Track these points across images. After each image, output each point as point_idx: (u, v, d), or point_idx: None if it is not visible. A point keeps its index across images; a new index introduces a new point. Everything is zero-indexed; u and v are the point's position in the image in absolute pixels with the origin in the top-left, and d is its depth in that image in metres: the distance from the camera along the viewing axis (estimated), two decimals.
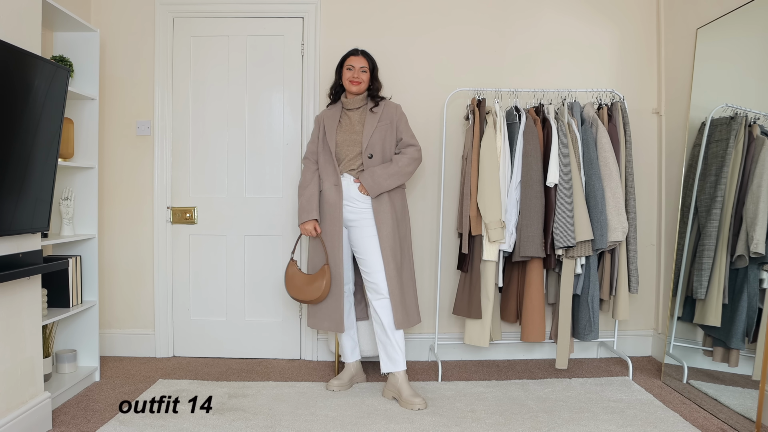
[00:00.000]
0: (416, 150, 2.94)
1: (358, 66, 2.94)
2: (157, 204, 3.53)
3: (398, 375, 2.82)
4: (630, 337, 3.64)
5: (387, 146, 2.93)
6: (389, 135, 2.94)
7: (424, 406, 2.72)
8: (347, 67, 2.96)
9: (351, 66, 2.95)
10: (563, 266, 3.05)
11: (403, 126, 2.98)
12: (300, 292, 2.93)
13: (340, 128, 2.96)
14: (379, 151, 2.91)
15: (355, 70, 2.94)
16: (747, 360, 2.60)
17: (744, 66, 2.78)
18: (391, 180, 2.85)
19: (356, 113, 2.97)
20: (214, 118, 3.55)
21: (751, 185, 2.62)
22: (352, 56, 2.98)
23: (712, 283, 2.81)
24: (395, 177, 2.86)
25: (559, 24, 3.56)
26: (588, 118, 3.20)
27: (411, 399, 2.73)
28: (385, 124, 2.94)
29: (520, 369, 3.37)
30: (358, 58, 2.97)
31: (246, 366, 3.41)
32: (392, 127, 2.95)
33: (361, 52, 2.99)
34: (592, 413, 2.68)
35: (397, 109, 3.00)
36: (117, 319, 3.60)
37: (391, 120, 2.96)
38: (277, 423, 2.55)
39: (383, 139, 2.92)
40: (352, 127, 2.94)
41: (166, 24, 3.51)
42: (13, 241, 2.27)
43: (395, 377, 2.83)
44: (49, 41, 3.04)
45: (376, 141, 2.90)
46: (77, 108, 3.07)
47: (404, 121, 2.99)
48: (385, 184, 2.84)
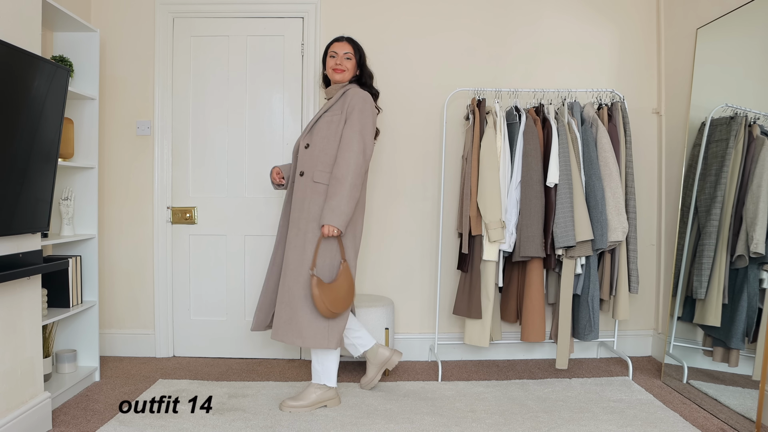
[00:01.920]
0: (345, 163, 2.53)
1: (342, 52, 2.75)
2: (157, 204, 3.53)
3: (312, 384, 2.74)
4: (630, 337, 3.64)
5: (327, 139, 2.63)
6: (334, 127, 2.63)
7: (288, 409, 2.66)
8: (330, 55, 2.77)
9: (334, 53, 2.76)
10: (563, 266, 3.05)
11: (349, 123, 2.59)
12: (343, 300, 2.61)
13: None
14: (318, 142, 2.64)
15: (338, 57, 2.75)
16: (747, 360, 2.60)
17: (744, 66, 2.78)
18: (350, 202, 2.53)
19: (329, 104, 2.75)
20: (214, 117, 3.55)
21: (751, 185, 2.62)
22: (336, 42, 2.79)
23: (712, 283, 2.81)
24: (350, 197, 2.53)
25: (560, 24, 3.56)
26: (588, 118, 3.20)
27: (289, 403, 2.69)
28: (336, 114, 2.64)
29: (520, 369, 3.37)
30: (342, 44, 2.77)
31: (246, 366, 3.41)
32: (341, 119, 2.63)
33: (346, 39, 2.81)
34: (592, 413, 2.68)
35: (358, 100, 2.63)
36: (117, 319, 3.59)
37: (343, 110, 2.64)
38: (277, 423, 2.55)
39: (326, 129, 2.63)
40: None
41: (166, 24, 3.51)
42: (13, 241, 2.27)
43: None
44: (49, 41, 3.03)
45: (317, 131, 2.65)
46: (77, 108, 3.07)
47: (358, 112, 2.60)
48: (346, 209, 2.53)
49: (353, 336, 2.89)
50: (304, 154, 2.68)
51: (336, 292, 2.57)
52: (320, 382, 2.73)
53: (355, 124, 2.60)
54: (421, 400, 2.84)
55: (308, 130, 2.73)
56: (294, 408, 2.68)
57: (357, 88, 2.72)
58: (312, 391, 2.72)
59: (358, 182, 2.56)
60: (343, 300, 2.58)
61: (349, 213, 2.55)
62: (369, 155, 2.64)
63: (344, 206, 2.53)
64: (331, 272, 2.63)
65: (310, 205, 2.61)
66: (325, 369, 2.72)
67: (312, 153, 2.65)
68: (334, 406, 2.75)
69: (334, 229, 2.54)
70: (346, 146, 2.58)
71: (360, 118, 2.62)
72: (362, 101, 2.65)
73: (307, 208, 2.62)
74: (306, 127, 2.80)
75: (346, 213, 2.53)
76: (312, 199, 2.62)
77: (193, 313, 3.59)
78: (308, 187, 2.63)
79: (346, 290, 2.60)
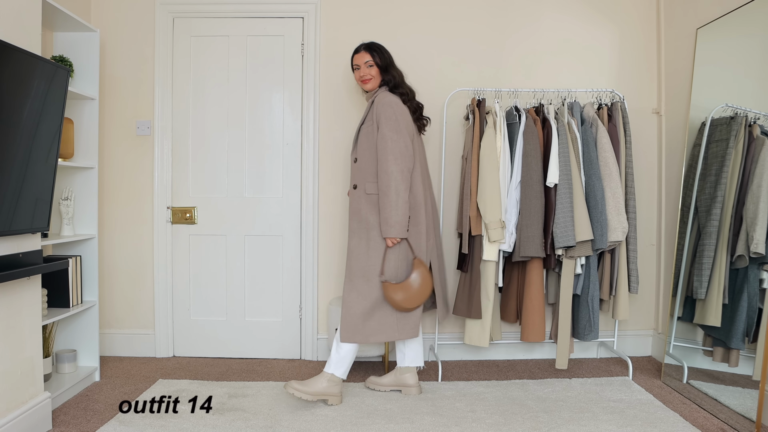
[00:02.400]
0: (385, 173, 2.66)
1: (363, 62, 2.82)
2: (157, 204, 3.53)
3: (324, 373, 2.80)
4: (630, 337, 3.64)
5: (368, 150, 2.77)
6: (371, 138, 2.76)
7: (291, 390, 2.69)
8: (354, 67, 2.86)
9: (357, 65, 2.85)
10: (563, 266, 3.05)
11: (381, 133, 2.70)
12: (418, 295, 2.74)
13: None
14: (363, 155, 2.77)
15: (361, 69, 2.83)
16: (747, 360, 2.60)
17: (744, 66, 2.78)
18: (399, 209, 2.66)
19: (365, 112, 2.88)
20: (214, 118, 3.55)
21: (751, 185, 2.62)
22: (356, 54, 2.86)
23: (712, 283, 2.81)
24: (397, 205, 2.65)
25: (560, 24, 3.56)
26: (588, 118, 3.20)
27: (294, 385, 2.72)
28: (370, 125, 2.77)
29: (520, 369, 3.37)
30: (361, 54, 2.83)
31: (246, 366, 3.41)
32: (373, 129, 2.75)
33: (363, 47, 2.84)
34: (592, 413, 2.68)
35: (383, 107, 2.72)
36: (117, 319, 3.59)
37: (373, 118, 2.76)
38: (277, 423, 2.55)
39: (366, 142, 2.77)
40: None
41: (166, 24, 3.51)
42: (13, 241, 2.27)
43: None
44: (49, 41, 3.03)
45: (361, 145, 2.77)
46: (77, 108, 3.07)
47: (384, 119, 2.70)
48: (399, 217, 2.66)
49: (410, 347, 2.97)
50: (354, 168, 2.82)
51: (409, 290, 2.71)
52: (331, 371, 2.76)
53: (385, 133, 2.70)
54: (421, 400, 2.84)
55: (354, 144, 2.83)
56: (297, 391, 2.70)
57: (382, 94, 2.79)
58: (321, 380, 2.75)
59: (401, 187, 2.67)
60: (418, 295, 2.73)
61: (401, 219, 2.67)
62: (408, 156, 2.70)
63: (395, 215, 2.66)
64: (405, 271, 2.77)
65: (368, 215, 2.76)
66: (341, 359, 2.77)
67: (360, 167, 2.79)
68: (335, 403, 2.76)
69: (396, 239, 2.70)
70: (382, 157, 2.69)
71: (387, 124, 2.70)
72: (385, 107, 2.73)
73: (365, 218, 2.76)
74: (353, 140, 2.87)
75: (399, 221, 2.67)
76: (368, 209, 2.76)
77: (193, 313, 3.59)
78: (362, 199, 2.78)
79: (419, 285, 2.73)
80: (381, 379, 2.99)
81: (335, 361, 2.77)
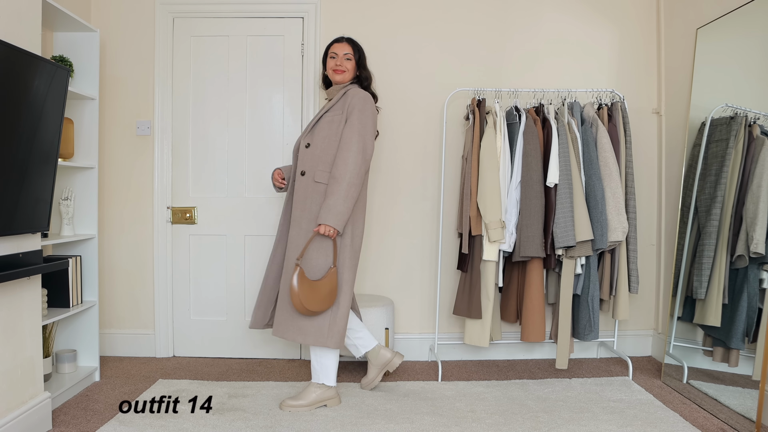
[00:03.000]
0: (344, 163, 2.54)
1: (342, 53, 2.76)
2: (157, 204, 3.53)
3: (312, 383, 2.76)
4: (630, 337, 3.64)
5: (329, 139, 2.64)
6: (335, 127, 2.64)
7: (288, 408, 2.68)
8: (330, 56, 2.78)
9: (334, 54, 2.77)
10: (563, 266, 3.05)
11: (350, 123, 2.59)
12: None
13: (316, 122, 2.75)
14: (318, 142, 2.66)
15: (338, 58, 2.76)
16: (747, 360, 2.60)
17: (744, 66, 2.78)
18: (347, 202, 2.53)
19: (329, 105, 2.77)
20: (214, 117, 3.55)
21: (751, 185, 2.62)
22: (336, 43, 2.79)
23: (712, 283, 2.81)
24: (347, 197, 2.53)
25: (559, 24, 3.56)
26: (588, 118, 3.20)
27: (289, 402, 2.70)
28: (337, 114, 2.65)
29: (520, 369, 3.37)
30: (342, 45, 2.78)
31: (246, 366, 3.41)
32: (342, 118, 2.64)
33: (345, 39, 2.81)
34: (592, 413, 2.68)
35: (359, 100, 2.64)
36: (117, 319, 3.59)
37: (344, 109, 2.65)
38: (277, 423, 2.55)
39: (327, 129, 2.65)
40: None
41: (166, 24, 3.51)
42: (13, 241, 2.27)
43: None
44: (49, 41, 3.03)
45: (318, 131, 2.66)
46: (77, 108, 3.07)
47: (358, 112, 2.61)
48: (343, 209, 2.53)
49: (355, 336, 2.88)
50: (305, 153, 2.68)
51: (316, 291, 2.55)
52: (319, 382, 2.73)
53: (355, 124, 2.60)
54: (421, 400, 2.84)
55: (309, 130, 2.74)
56: (294, 407, 2.68)
57: (358, 89, 2.74)
58: (312, 390, 2.72)
59: (356, 182, 2.56)
60: (321, 301, 2.56)
61: (346, 213, 2.54)
62: (369, 155, 2.64)
63: (341, 206, 2.53)
64: (320, 272, 2.62)
65: (312, 204, 2.63)
66: (324, 368, 2.72)
67: (313, 152, 2.66)
68: (334, 405, 2.75)
69: (330, 228, 2.54)
70: (345, 146, 2.58)
71: (360, 117, 2.62)
72: (362, 101, 2.65)
73: (309, 207, 2.64)
74: (306, 127, 2.81)
75: (343, 213, 2.53)
76: (313, 198, 2.63)
77: (193, 313, 3.59)
78: (309, 187, 2.65)
79: (327, 293, 2.57)
80: (367, 376, 2.96)
81: (317, 370, 2.73)
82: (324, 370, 2.72)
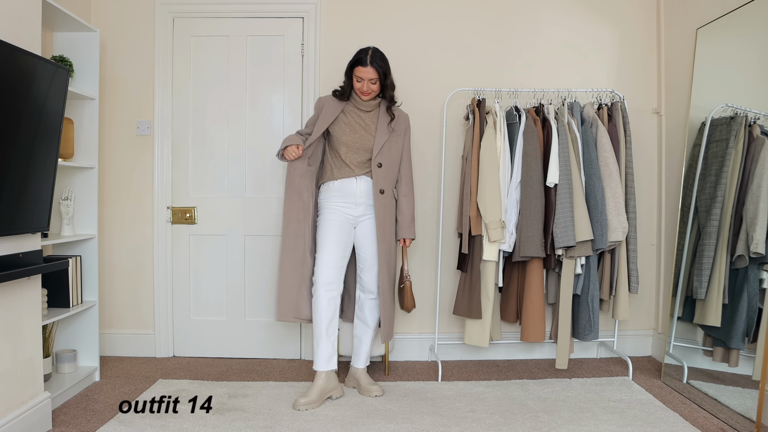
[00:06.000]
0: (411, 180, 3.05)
1: (367, 78, 2.81)
2: (157, 204, 3.53)
3: (360, 369, 3.00)
4: (630, 337, 3.64)
5: (393, 157, 2.96)
6: (395, 147, 2.97)
7: (381, 393, 2.89)
8: (356, 79, 2.84)
9: (360, 78, 2.83)
10: (563, 266, 3.05)
11: (406, 144, 3.02)
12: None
13: (348, 126, 2.90)
14: (387, 161, 2.94)
15: (364, 83, 2.83)
16: (747, 360, 2.60)
17: (744, 66, 2.78)
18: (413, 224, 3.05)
19: (369, 116, 2.94)
20: (214, 117, 3.55)
21: (751, 185, 2.62)
22: (361, 67, 2.80)
23: (712, 283, 2.81)
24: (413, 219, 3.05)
25: (560, 24, 3.56)
26: (588, 118, 3.20)
27: (369, 387, 2.91)
28: (397, 135, 2.97)
29: (520, 369, 3.37)
30: (367, 70, 2.79)
31: (246, 366, 3.41)
32: (399, 140, 2.98)
33: (369, 63, 2.79)
34: (592, 413, 2.68)
35: (407, 122, 3.03)
36: (117, 319, 3.60)
37: (400, 132, 2.99)
38: (277, 423, 2.55)
39: (390, 149, 2.95)
40: (366, 128, 2.91)
41: (166, 24, 3.51)
42: (13, 241, 2.27)
43: (357, 370, 3.01)
44: (49, 41, 3.03)
45: (385, 151, 2.93)
46: (77, 108, 3.07)
47: (408, 139, 3.04)
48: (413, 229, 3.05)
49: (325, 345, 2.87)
50: (378, 172, 2.91)
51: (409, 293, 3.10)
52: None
53: (408, 147, 3.05)
54: (421, 400, 2.84)
55: (378, 150, 2.89)
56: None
57: (399, 109, 3.02)
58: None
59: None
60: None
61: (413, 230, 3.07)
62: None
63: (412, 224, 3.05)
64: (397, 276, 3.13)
65: (392, 217, 3.00)
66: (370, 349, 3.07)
67: (388, 171, 2.95)
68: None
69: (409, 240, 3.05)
70: (408, 166, 3.03)
71: (408, 139, 3.05)
72: (407, 123, 3.04)
73: (389, 221, 2.97)
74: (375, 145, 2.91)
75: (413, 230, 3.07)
76: (391, 213, 2.99)
77: (193, 313, 3.59)
78: (389, 202, 2.97)
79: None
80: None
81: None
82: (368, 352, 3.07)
